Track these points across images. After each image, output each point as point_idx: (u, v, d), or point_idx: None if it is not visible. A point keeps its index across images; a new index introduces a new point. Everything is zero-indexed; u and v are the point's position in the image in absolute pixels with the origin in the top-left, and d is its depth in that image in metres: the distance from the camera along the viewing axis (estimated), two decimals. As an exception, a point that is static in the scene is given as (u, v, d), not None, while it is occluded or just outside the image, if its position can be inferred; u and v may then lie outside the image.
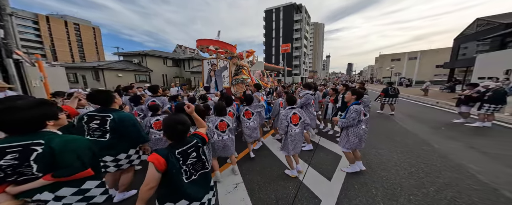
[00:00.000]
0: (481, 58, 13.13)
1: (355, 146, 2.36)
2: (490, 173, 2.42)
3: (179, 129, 1.15)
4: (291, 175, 2.51)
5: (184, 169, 1.15)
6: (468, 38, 18.52)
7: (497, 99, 4.32)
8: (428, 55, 33.46)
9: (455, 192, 2.02)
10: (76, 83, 16.73)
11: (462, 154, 3.03)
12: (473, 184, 2.17)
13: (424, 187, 2.14)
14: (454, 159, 2.84)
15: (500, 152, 3.05)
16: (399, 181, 2.27)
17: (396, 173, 2.46)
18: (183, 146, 1.17)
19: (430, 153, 3.09)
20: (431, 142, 3.59)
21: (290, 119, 2.34)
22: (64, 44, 60.15)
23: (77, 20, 66.03)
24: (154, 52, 20.89)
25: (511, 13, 16.26)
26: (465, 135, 4.05)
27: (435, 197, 1.95)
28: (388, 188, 2.14)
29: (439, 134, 4.11)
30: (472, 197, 1.94)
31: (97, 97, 1.73)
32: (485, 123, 4.55)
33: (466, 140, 3.70)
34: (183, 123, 1.17)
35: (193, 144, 1.23)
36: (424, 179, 2.31)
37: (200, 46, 5.35)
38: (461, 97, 4.97)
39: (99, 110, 1.74)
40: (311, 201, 1.98)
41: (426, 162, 2.76)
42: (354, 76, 77.16)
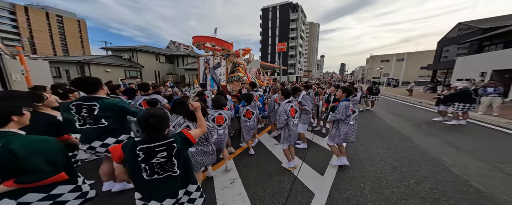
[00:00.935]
0: (460, 61, 14.09)
1: (342, 140, 2.55)
2: (462, 166, 2.70)
3: (150, 122, 1.06)
4: (288, 167, 2.66)
5: (143, 166, 1.06)
6: (450, 42, 19.73)
7: (464, 98, 4.84)
8: (414, 57, 35.20)
9: (432, 184, 2.25)
10: (59, 78, 15.78)
11: (439, 150, 3.33)
12: (448, 177, 2.42)
13: (405, 180, 2.36)
14: (432, 154, 3.12)
15: (472, 148, 3.39)
16: (384, 175, 2.47)
17: (381, 168, 2.68)
18: (151, 143, 1.07)
19: (412, 149, 3.36)
20: (413, 139, 3.90)
21: (289, 112, 2.47)
22: (44, 36, 56.06)
23: (60, 12, 61.66)
24: (146, 48, 20.14)
25: (490, 19, 17.52)
26: (443, 132, 4.42)
27: (415, 189, 2.16)
28: (375, 182, 2.33)
29: (420, 131, 4.45)
30: (446, 188, 2.17)
31: (81, 83, 1.68)
32: (461, 121, 4.99)
33: (443, 136, 4.06)
34: (156, 117, 1.09)
35: (166, 143, 1.10)
36: (406, 172, 2.54)
37: (196, 43, 5.30)
38: (440, 97, 5.40)
39: (85, 99, 1.67)
40: (305, 195, 2.12)
41: (408, 157, 3.02)
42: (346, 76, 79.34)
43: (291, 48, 43.77)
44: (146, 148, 1.06)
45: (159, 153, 1.09)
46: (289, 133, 2.51)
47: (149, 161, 1.07)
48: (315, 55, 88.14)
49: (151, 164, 1.08)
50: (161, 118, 1.12)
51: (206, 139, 1.95)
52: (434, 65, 21.08)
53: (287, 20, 42.94)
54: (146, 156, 1.06)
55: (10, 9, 49.27)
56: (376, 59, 42.08)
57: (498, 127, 4.77)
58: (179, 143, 1.16)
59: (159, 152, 1.09)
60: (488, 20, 17.15)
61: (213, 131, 1.97)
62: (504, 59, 9.94)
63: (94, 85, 1.69)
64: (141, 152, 1.06)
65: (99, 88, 1.72)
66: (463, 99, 4.85)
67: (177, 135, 1.22)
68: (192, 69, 19.23)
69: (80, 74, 15.75)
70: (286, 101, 2.58)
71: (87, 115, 1.65)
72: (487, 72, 10.79)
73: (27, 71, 4.13)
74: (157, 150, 1.08)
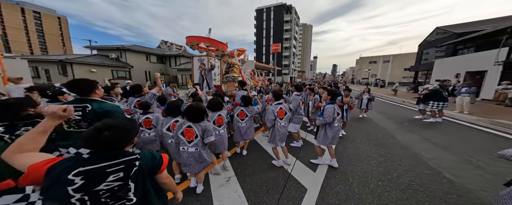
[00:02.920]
0: (438, 63, 15.23)
1: (330, 142, 2.64)
2: (437, 159, 2.99)
3: (104, 137, 0.80)
4: (277, 165, 2.79)
5: (77, 198, 0.74)
6: (429, 45, 21.19)
7: (435, 96, 5.38)
8: (398, 59, 37.29)
9: (411, 177, 2.48)
10: (37, 78, 14.74)
11: (418, 145, 3.64)
12: (425, 170, 2.68)
13: (389, 173, 2.57)
14: (412, 149, 3.41)
15: (446, 143, 3.74)
16: (371, 170, 2.67)
17: (368, 163, 2.88)
18: (99, 163, 0.79)
19: (395, 145, 3.64)
20: (395, 135, 4.21)
21: (276, 113, 2.58)
22: (19, 33, 51.91)
23: (38, 8, 57.45)
24: (135, 47, 19.43)
25: (465, 24, 19.07)
26: (422, 129, 4.82)
27: (397, 182, 2.37)
28: (362, 176, 2.51)
29: (403, 128, 4.81)
30: (423, 180, 2.41)
31: (75, 85, 1.62)
32: (437, 119, 5.46)
33: (422, 133, 4.43)
34: (114, 129, 0.83)
35: (124, 161, 0.84)
36: (389, 167, 2.77)
37: (190, 43, 5.28)
38: (420, 97, 5.87)
39: (77, 101, 1.60)
40: (298, 190, 2.23)
41: (391, 153, 3.27)
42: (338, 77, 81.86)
43: (285, 49, 44.44)
44: (89, 171, 0.76)
45: (112, 175, 0.80)
46: (275, 134, 2.62)
47: (91, 189, 0.76)
48: (309, 56, 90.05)
49: (93, 194, 0.77)
50: (121, 130, 0.86)
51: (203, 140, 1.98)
52: (415, 67, 22.52)
53: (281, 21, 43.55)
54: (88, 183, 0.76)
55: (-21, 3, 45.08)
56: (365, 60, 44.01)
57: (469, 124, 5.28)
58: (146, 162, 0.90)
59: (111, 174, 0.80)
60: (463, 25, 18.67)
61: (211, 132, 1.98)
62: (475, 62, 10.93)
63: (88, 87, 1.63)
64: (79, 177, 0.74)
65: (93, 90, 1.66)
66: (437, 98, 5.34)
67: (148, 153, 0.96)
68: (185, 70, 18.86)
69: (61, 74, 14.82)
70: (276, 102, 2.68)
71: (80, 118, 1.58)
72: (461, 73, 11.79)
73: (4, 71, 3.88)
74: (108, 171, 0.80)
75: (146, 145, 2.52)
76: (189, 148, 1.94)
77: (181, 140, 1.94)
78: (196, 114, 1.93)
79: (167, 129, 2.28)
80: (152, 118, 2.51)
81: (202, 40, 5.33)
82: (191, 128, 1.92)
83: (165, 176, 1.01)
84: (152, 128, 2.51)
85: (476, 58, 10.97)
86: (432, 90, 5.44)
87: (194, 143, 1.93)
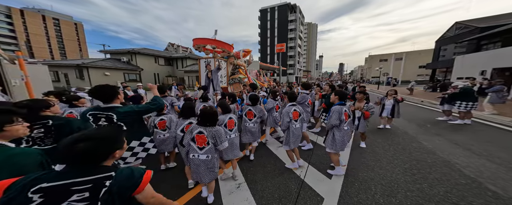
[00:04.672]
0: (459, 59, 14.17)
1: (340, 147, 2.37)
2: (474, 167, 2.63)
3: (78, 148, 0.70)
4: (292, 167, 2.64)
5: None
6: (447, 41, 19.87)
7: (464, 96, 4.82)
8: (412, 56, 35.42)
9: (447, 187, 2.17)
10: (57, 82, 15.64)
11: (447, 150, 3.26)
12: (461, 179, 2.34)
13: (418, 183, 2.28)
14: (441, 155, 3.05)
15: (481, 148, 3.32)
16: (395, 178, 2.39)
17: (391, 170, 2.59)
18: (65, 179, 0.70)
19: (419, 150, 3.29)
20: (419, 139, 3.83)
21: (291, 115, 2.44)
22: (41, 40, 55.85)
23: (57, 15, 61.58)
24: (145, 50, 20.10)
25: (487, 18, 17.67)
26: (449, 132, 4.36)
27: (430, 193, 2.08)
28: (386, 185, 2.25)
29: (426, 132, 4.39)
30: (461, 191, 2.09)
31: (99, 92, 1.66)
32: (466, 121, 4.94)
33: (450, 136, 4.00)
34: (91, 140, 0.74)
35: (93, 179, 0.73)
36: (417, 175, 2.46)
37: (196, 45, 5.24)
38: (445, 96, 5.35)
39: (102, 109, 1.66)
40: (314, 199, 2.03)
41: (417, 159, 2.94)
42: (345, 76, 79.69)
43: (290, 49, 43.95)
44: (51, 188, 0.66)
45: (76, 194, 0.69)
46: (290, 136, 2.49)
47: None
48: (314, 56, 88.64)
49: None
50: (100, 142, 0.76)
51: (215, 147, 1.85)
52: (433, 64, 21.21)
53: (285, 21, 43.16)
54: (46, 201, 0.66)
55: (6, 12, 49.10)
56: (375, 58, 42.31)
57: (503, 126, 4.72)
58: (119, 181, 0.77)
59: (75, 193, 0.69)
60: (485, 19, 17.31)
61: (224, 138, 1.86)
62: (505, 57, 9.97)
63: (112, 95, 1.69)
64: (38, 195, 0.65)
65: (116, 97, 1.71)
66: (466, 98, 4.81)
67: (128, 169, 0.83)
68: (192, 71, 19.15)
69: (79, 78, 15.60)
70: (290, 104, 2.55)
71: (107, 124, 1.65)
72: (487, 70, 10.83)
73: (27, 76, 4.04)
74: (72, 189, 0.69)
75: (161, 146, 2.54)
76: (200, 155, 1.81)
77: (191, 147, 1.83)
78: (210, 118, 1.83)
79: (181, 130, 2.25)
80: (166, 120, 2.57)
81: (209, 42, 5.28)
82: (202, 134, 1.79)
83: (149, 195, 0.87)
84: (166, 129, 2.57)
85: (506, 53, 10.01)
86: (462, 88, 4.90)
87: (206, 149, 1.81)
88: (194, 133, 1.80)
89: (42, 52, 54.68)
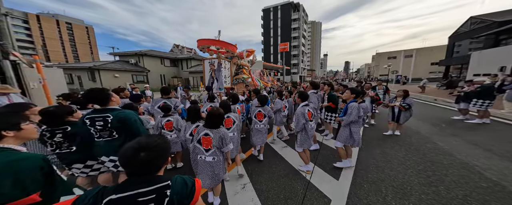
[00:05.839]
0: (475, 55, 13.40)
1: (358, 143, 2.45)
2: (496, 170, 2.44)
3: (140, 159, 0.71)
4: (305, 170, 2.56)
5: None
6: (462, 36, 18.88)
7: (484, 94, 4.52)
8: (423, 53, 33.97)
9: (466, 191, 2.03)
10: (71, 84, 16.36)
11: (465, 151, 3.06)
12: (482, 182, 2.18)
13: (433, 185, 2.15)
14: (458, 156, 2.87)
15: (502, 149, 3.09)
16: (408, 180, 2.27)
17: (403, 172, 2.47)
18: (132, 190, 0.71)
19: (434, 151, 3.11)
20: (434, 140, 3.63)
21: (306, 116, 2.38)
22: (56, 43, 58.72)
23: (69, 19, 64.54)
24: (151, 52, 20.60)
25: (504, 12, 16.61)
26: (466, 132, 4.10)
27: (447, 196, 1.95)
28: (398, 187, 2.13)
29: (441, 132, 4.16)
30: (483, 195, 1.94)
31: (91, 96, 1.63)
32: (484, 120, 4.64)
33: (467, 137, 3.76)
34: (151, 150, 0.74)
35: (156, 188, 0.74)
36: (432, 177, 2.32)
37: (200, 46, 5.27)
38: (461, 94, 5.06)
39: (98, 111, 1.63)
40: (321, 201, 1.97)
41: (432, 160, 2.78)
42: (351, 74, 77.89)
43: (294, 48, 43.47)
44: (120, 199, 0.69)
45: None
46: (306, 137, 2.41)
47: None
48: (318, 54, 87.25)
49: None
50: (159, 151, 0.77)
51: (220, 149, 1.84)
52: (446, 61, 20.23)
53: (288, 20, 42.72)
54: None
55: (24, 18, 52.00)
56: (383, 56, 40.94)
57: (526, 125, 4.39)
58: (177, 190, 0.78)
59: None
60: (502, 13, 16.26)
61: (229, 140, 1.85)
62: (526, 52, 9.31)
63: (104, 98, 1.63)
64: None
65: (109, 98, 1.64)
66: (483, 96, 4.53)
67: (180, 178, 0.84)
68: (196, 72, 19.39)
69: (91, 80, 16.24)
70: (303, 104, 2.47)
71: (102, 128, 1.61)
72: (507, 66, 10.16)
73: (44, 79, 4.23)
74: (139, 201, 0.71)
75: None
76: (206, 157, 1.81)
77: (198, 149, 1.83)
78: (216, 120, 1.82)
79: (190, 134, 2.26)
80: (173, 121, 2.61)
81: (212, 43, 5.29)
82: (208, 136, 1.79)
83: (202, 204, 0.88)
84: (173, 130, 2.60)
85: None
86: (484, 86, 4.61)
87: (212, 151, 1.80)
88: (201, 134, 1.80)
89: (57, 56, 57.50)
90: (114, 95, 1.70)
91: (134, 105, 2.45)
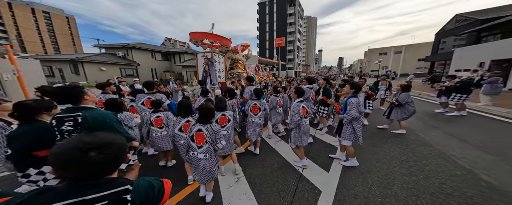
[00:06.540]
0: (458, 52, 14.09)
1: (360, 137, 2.41)
2: (469, 159, 2.67)
3: (89, 159, 0.57)
4: (301, 165, 2.58)
5: None
6: (447, 33, 19.65)
7: (462, 89, 4.89)
8: (411, 49, 35.13)
9: (442, 179, 2.21)
10: (52, 77, 15.31)
11: (444, 142, 3.30)
12: (456, 170, 2.38)
13: (414, 175, 2.32)
14: (437, 147, 3.09)
15: (476, 139, 3.37)
16: (392, 171, 2.43)
17: (388, 163, 2.63)
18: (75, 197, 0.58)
19: (416, 142, 3.33)
20: (416, 132, 3.87)
21: (301, 112, 2.37)
22: (33, 34, 54.08)
23: (46, 8, 59.25)
24: (140, 45, 19.62)
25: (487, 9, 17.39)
26: (445, 123, 4.41)
27: (425, 185, 2.12)
28: (382, 177, 2.28)
29: (423, 124, 4.43)
30: (456, 183, 2.13)
31: (60, 94, 1.46)
32: (462, 112, 5.01)
33: (446, 128, 4.05)
34: (103, 149, 0.61)
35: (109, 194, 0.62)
36: (414, 167, 2.50)
37: (193, 40, 5.09)
38: (442, 89, 5.37)
39: (68, 110, 1.45)
40: (312, 192, 2.06)
41: (413, 151, 2.98)
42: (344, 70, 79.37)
43: (289, 43, 43.23)
44: None
45: None
46: (300, 134, 2.42)
47: None
48: (313, 50, 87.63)
49: None
50: (116, 150, 0.65)
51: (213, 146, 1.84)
52: (432, 57, 21.10)
53: (284, 15, 42.07)
54: None
55: (-6, 5, 47.07)
56: (374, 52, 41.90)
57: (499, 117, 4.77)
58: (140, 195, 0.68)
59: None
60: (485, 11, 17.04)
61: (221, 136, 1.84)
62: (503, 49, 9.93)
63: (74, 95, 1.44)
64: None
65: (81, 97, 1.46)
66: (461, 90, 4.90)
67: (143, 181, 0.74)
68: (190, 66, 18.85)
69: (74, 73, 15.27)
70: (298, 100, 2.44)
71: (72, 129, 1.40)
72: (486, 62, 10.81)
73: (18, 71, 3.93)
74: None
75: (157, 145, 2.48)
76: (198, 154, 1.80)
77: (191, 145, 1.82)
78: (207, 114, 1.80)
79: (179, 129, 2.20)
80: (162, 117, 2.48)
81: (206, 36, 5.12)
82: (201, 132, 1.77)
83: None
84: (163, 126, 2.48)
85: (504, 45, 9.95)
86: (463, 81, 4.94)
87: (204, 149, 1.79)
88: (194, 131, 1.78)
89: (35, 47, 53.13)
90: (88, 93, 1.52)
91: (118, 101, 2.18)
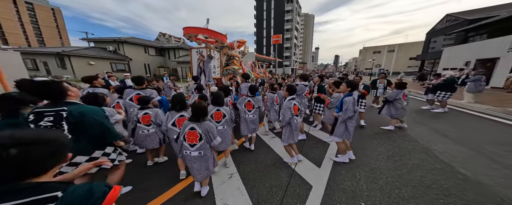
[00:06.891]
0: (446, 51, 14.59)
1: (351, 135, 2.50)
2: (449, 153, 2.85)
3: (9, 158, 0.50)
4: (292, 162, 2.64)
5: None
6: (438, 33, 20.23)
7: (447, 86, 5.17)
8: (404, 48, 36.00)
9: (423, 172, 2.36)
10: (36, 70, 14.57)
11: (427, 137, 3.49)
12: (437, 164, 2.55)
13: (398, 169, 2.45)
14: (421, 142, 3.27)
15: (457, 135, 3.58)
16: (378, 165, 2.55)
17: (375, 158, 2.76)
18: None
19: (403, 138, 3.50)
20: (404, 128, 4.05)
21: (292, 110, 2.39)
22: (14, 25, 50.80)
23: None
24: (133, 39, 18.93)
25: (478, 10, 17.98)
26: (430, 120, 4.64)
27: (407, 178, 2.25)
28: (369, 172, 2.40)
29: (410, 120, 4.63)
30: (435, 175, 2.28)
31: (40, 90, 1.33)
32: (445, 109, 5.32)
33: (431, 125, 4.26)
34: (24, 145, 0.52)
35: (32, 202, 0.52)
36: (399, 161, 2.64)
37: (187, 35, 4.98)
38: (429, 86, 5.61)
39: (50, 105, 1.37)
40: (303, 187, 2.14)
41: (399, 146, 3.14)
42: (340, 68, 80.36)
43: (286, 40, 43.10)
44: None
45: None
46: (291, 132, 2.45)
47: None
48: (310, 47, 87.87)
49: None
50: (43, 148, 0.55)
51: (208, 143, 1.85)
52: (422, 56, 21.73)
53: (282, 11, 41.69)
54: None
55: (-31, -7, 43.59)
56: (369, 50, 42.62)
57: (480, 114, 5.06)
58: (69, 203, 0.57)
59: None
60: (475, 11, 17.61)
61: (216, 134, 1.85)
62: (487, 49, 10.39)
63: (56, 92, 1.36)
64: None
65: (65, 93, 1.40)
66: (446, 88, 5.17)
67: (81, 188, 0.61)
68: (185, 62, 18.47)
69: (60, 67, 14.59)
70: (290, 98, 2.45)
71: (51, 125, 1.31)
72: (471, 61, 11.29)
73: None
74: None
75: (144, 142, 2.44)
76: (191, 152, 1.81)
77: (183, 144, 1.82)
78: (198, 113, 1.79)
79: (173, 124, 2.17)
80: (151, 114, 2.41)
81: (200, 31, 5.01)
82: (194, 130, 1.77)
83: None
84: (151, 124, 2.42)
85: (488, 45, 10.41)
86: (448, 79, 5.21)
87: (198, 146, 1.80)
88: (186, 129, 1.78)
89: (17, 39, 50.08)
90: (71, 88, 1.46)
91: (99, 95, 2.07)
